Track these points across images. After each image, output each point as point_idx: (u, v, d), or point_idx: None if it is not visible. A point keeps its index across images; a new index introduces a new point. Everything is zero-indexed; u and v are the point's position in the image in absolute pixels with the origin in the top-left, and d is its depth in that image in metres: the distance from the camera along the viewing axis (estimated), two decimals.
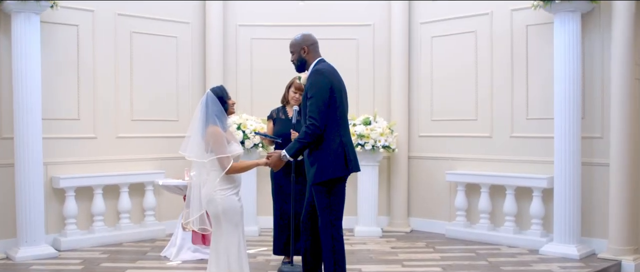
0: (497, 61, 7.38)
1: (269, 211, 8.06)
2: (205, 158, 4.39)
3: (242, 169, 4.48)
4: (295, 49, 4.84)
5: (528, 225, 7.06)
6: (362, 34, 8.26)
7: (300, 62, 4.84)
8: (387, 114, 8.13)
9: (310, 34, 4.89)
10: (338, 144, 4.62)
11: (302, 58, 4.82)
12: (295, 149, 4.55)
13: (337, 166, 4.62)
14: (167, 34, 7.89)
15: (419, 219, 8.14)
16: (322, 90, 4.55)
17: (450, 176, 7.58)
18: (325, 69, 4.70)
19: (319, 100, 4.53)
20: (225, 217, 4.42)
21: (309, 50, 4.80)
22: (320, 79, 4.60)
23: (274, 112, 6.15)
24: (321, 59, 4.82)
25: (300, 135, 4.55)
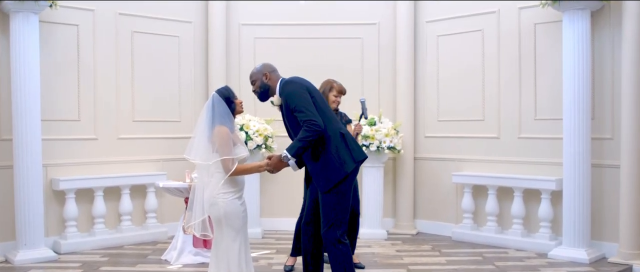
0: (505, 60, 7.24)
1: (273, 213, 8.05)
2: (211, 160, 4.29)
3: (244, 171, 4.36)
4: (256, 77, 4.70)
5: (536, 228, 6.92)
6: (367, 33, 8.13)
7: (263, 89, 4.69)
8: (393, 114, 8.00)
9: (270, 63, 4.80)
10: (336, 137, 4.51)
11: (264, 84, 4.68)
12: (297, 148, 4.36)
13: (346, 158, 4.49)
14: (169, 33, 7.79)
15: (425, 222, 8.00)
16: (302, 94, 4.48)
17: (457, 177, 7.45)
18: (294, 78, 4.66)
19: (304, 104, 4.43)
20: (227, 221, 4.31)
21: (270, 76, 4.68)
22: (293, 87, 4.54)
23: None
24: (282, 78, 4.70)
25: (300, 135, 4.38)
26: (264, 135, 7.40)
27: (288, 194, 7.87)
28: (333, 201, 4.51)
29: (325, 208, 4.55)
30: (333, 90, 5.90)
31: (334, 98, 5.89)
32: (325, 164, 4.50)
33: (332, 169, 4.48)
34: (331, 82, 5.95)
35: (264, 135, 7.40)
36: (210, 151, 4.31)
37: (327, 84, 5.96)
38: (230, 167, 4.23)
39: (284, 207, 7.97)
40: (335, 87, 5.90)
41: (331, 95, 5.88)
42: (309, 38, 8.13)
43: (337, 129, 4.56)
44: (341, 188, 4.51)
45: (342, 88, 5.97)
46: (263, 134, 7.40)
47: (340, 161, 4.48)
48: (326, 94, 5.88)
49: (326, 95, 5.87)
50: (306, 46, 8.12)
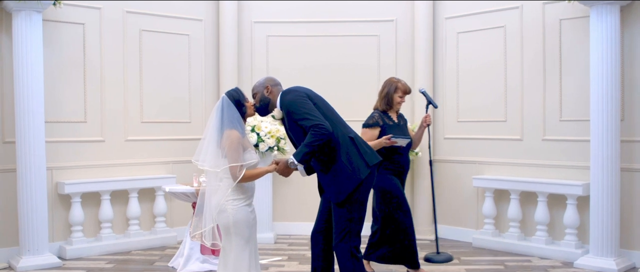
0: (528, 58, 6.89)
1: (286, 217, 7.80)
2: (220, 166, 4.10)
3: (253, 176, 4.14)
4: (258, 90, 4.45)
5: (561, 235, 6.58)
6: (384, 30, 7.83)
7: (263, 103, 4.42)
8: (411, 114, 7.70)
9: (274, 77, 4.55)
10: (347, 142, 4.26)
11: (265, 98, 4.41)
12: (303, 154, 4.08)
13: (360, 164, 4.23)
14: (178, 31, 7.56)
15: (444, 227, 7.69)
16: (302, 101, 4.23)
17: (478, 181, 7.13)
18: (292, 87, 4.40)
19: (306, 110, 4.18)
20: (236, 229, 4.11)
21: (272, 89, 4.43)
22: (292, 96, 4.28)
23: (378, 119, 5.45)
24: (282, 91, 4.44)
25: (306, 139, 4.10)
26: (276, 136, 7.16)
27: (302, 197, 7.63)
28: (347, 212, 4.26)
29: (338, 219, 4.29)
30: (398, 91, 5.46)
31: (399, 99, 5.46)
32: (336, 173, 4.24)
33: (344, 177, 4.21)
34: (395, 82, 5.50)
35: (276, 136, 7.16)
36: (219, 156, 4.13)
37: (390, 84, 5.50)
38: (238, 175, 4.03)
39: (298, 211, 7.73)
40: (400, 88, 5.46)
41: (396, 96, 5.46)
42: (324, 36, 7.86)
43: (345, 134, 4.29)
44: (356, 197, 4.25)
45: (408, 87, 5.53)
46: (275, 135, 7.15)
47: (352, 168, 4.21)
48: (390, 95, 5.45)
49: (390, 97, 5.45)
50: (321, 44, 7.85)
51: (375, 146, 5.21)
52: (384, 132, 5.38)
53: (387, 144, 5.28)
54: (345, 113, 7.16)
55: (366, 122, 5.47)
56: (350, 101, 7.62)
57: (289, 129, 4.38)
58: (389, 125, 5.43)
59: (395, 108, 5.52)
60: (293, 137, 4.41)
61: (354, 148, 4.27)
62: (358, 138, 4.35)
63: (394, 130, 5.41)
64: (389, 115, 5.50)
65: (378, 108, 5.53)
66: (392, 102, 5.47)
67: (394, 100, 5.47)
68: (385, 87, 5.52)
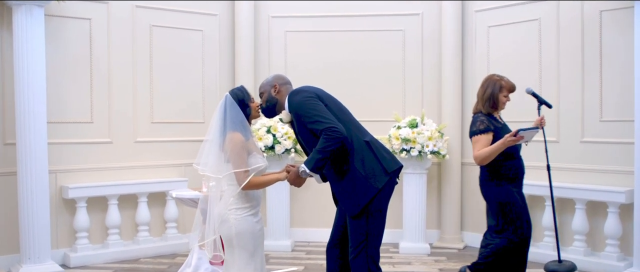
0: (565, 54, 6.38)
1: (304, 223, 7.39)
2: (222, 172, 3.76)
3: (260, 184, 3.77)
4: (265, 89, 4.05)
5: (602, 246, 6.06)
6: (409, 24, 7.37)
7: (270, 104, 4.02)
8: (437, 115, 7.23)
9: (283, 75, 4.15)
10: (363, 147, 3.82)
11: (272, 98, 4.01)
12: (316, 161, 3.66)
13: (376, 172, 3.80)
14: (191, 27, 7.20)
15: (474, 234, 7.19)
16: (312, 102, 3.80)
17: None
18: (301, 87, 3.97)
19: (317, 112, 3.75)
20: (239, 242, 3.73)
21: (281, 89, 4.02)
22: (300, 97, 3.85)
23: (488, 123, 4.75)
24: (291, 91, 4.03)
25: (319, 144, 3.67)
26: (293, 138, 6.76)
27: (321, 201, 7.20)
28: (363, 224, 3.82)
29: (354, 231, 3.86)
30: (503, 89, 4.82)
31: (504, 99, 4.84)
32: (350, 182, 3.80)
33: (359, 187, 3.79)
34: (498, 80, 4.85)
35: (293, 138, 6.76)
36: (222, 161, 3.77)
37: (492, 82, 4.85)
38: (243, 180, 3.67)
39: (317, 217, 7.31)
40: (505, 86, 4.83)
41: (501, 96, 4.82)
42: (346, 31, 7.43)
43: (360, 137, 3.85)
44: (372, 208, 3.81)
45: (512, 84, 4.91)
46: (292, 137, 6.76)
47: (368, 176, 3.77)
48: (495, 96, 4.80)
49: (495, 98, 4.80)
50: (342, 40, 7.42)
51: (496, 149, 4.62)
52: (497, 137, 4.71)
53: (513, 142, 4.61)
54: (368, 113, 6.80)
55: (477, 128, 4.74)
56: (374, 100, 7.21)
57: (299, 133, 3.96)
58: (500, 129, 4.79)
59: (500, 109, 4.89)
60: (303, 142, 4.00)
61: (371, 153, 3.83)
62: (375, 142, 3.91)
63: (505, 132, 4.75)
64: (496, 118, 4.86)
65: (481, 111, 4.85)
66: (498, 103, 4.82)
67: (500, 101, 4.82)
68: (487, 88, 4.85)
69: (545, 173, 6.44)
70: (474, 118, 4.84)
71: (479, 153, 4.67)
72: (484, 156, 4.66)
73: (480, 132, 4.73)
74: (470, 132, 4.80)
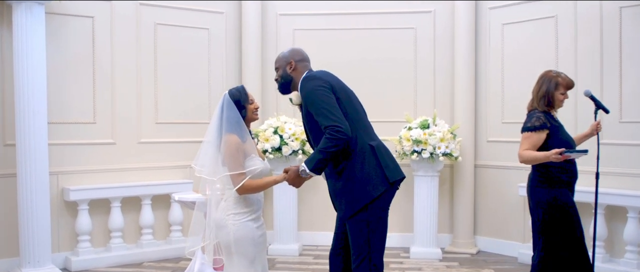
0: (583, 52, 6.13)
1: (313, 226, 7.20)
2: (218, 174, 3.63)
3: (257, 187, 3.59)
4: (280, 64, 3.87)
5: (621, 253, 5.82)
6: (421, 22, 7.16)
7: (285, 81, 3.85)
8: (450, 115, 7.02)
9: (301, 49, 3.93)
10: (366, 152, 3.63)
11: (287, 75, 3.83)
12: (316, 161, 3.50)
13: (374, 182, 3.61)
14: (197, 25, 7.04)
15: (487, 239, 6.97)
16: (323, 93, 3.60)
17: (524, 189, 6.29)
18: (317, 73, 3.77)
19: (326, 105, 3.55)
20: (238, 248, 3.58)
21: (297, 66, 3.84)
22: (314, 84, 3.65)
23: (545, 120, 4.43)
24: (308, 71, 3.84)
25: (321, 143, 3.51)
26: (301, 139, 6.59)
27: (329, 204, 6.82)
28: (364, 232, 3.63)
29: (355, 240, 3.67)
30: (560, 87, 4.49)
31: (562, 96, 4.52)
32: (346, 183, 3.63)
33: (355, 191, 3.61)
34: (554, 77, 4.52)
35: (301, 139, 6.59)
36: (219, 163, 3.63)
37: (548, 79, 4.52)
38: (237, 183, 3.51)
39: (325, 220, 7.08)
40: (561, 83, 4.49)
41: (558, 94, 4.49)
42: (356, 29, 7.23)
43: (366, 141, 3.66)
44: (369, 215, 3.62)
45: (570, 81, 4.57)
46: (300, 138, 6.58)
47: (365, 181, 3.58)
48: (551, 93, 4.48)
49: (551, 96, 4.48)
50: (352, 38, 7.22)
51: (540, 158, 4.33)
52: (553, 136, 4.43)
53: (557, 160, 4.27)
54: (378, 113, 6.57)
55: (532, 125, 4.44)
56: (384, 100, 7.01)
57: (305, 119, 3.78)
58: (557, 127, 4.49)
59: (557, 107, 4.58)
60: (307, 129, 3.82)
61: (374, 159, 3.63)
62: (381, 147, 3.71)
63: (562, 133, 4.50)
64: (553, 116, 4.55)
65: (537, 108, 4.54)
66: (554, 101, 4.50)
67: (556, 99, 4.50)
68: (542, 84, 4.55)
69: None
70: (530, 114, 4.52)
71: (524, 153, 4.40)
72: (527, 159, 4.41)
73: (534, 129, 4.41)
74: (523, 127, 4.49)
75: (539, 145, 4.37)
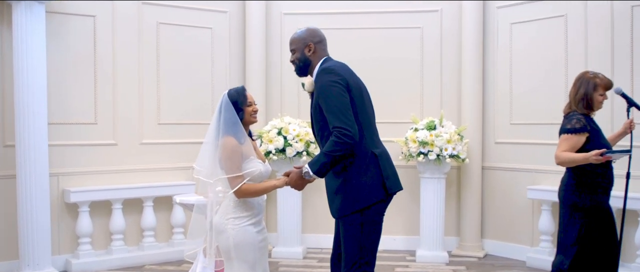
0: (594, 52, 6.00)
1: (317, 229, 7.09)
2: (214, 176, 3.57)
3: (256, 192, 3.51)
4: (297, 46, 3.69)
5: (633, 257, 5.69)
6: (428, 21, 7.04)
7: (303, 64, 3.68)
8: (457, 116, 6.90)
9: (317, 29, 3.76)
10: (369, 159, 3.51)
11: (305, 58, 3.67)
12: (321, 165, 3.40)
13: (372, 188, 3.49)
14: (200, 24, 6.94)
15: (495, 242, 6.85)
16: (338, 91, 3.45)
17: (533, 192, 6.27)
18: (335, 66, 3.59)
19: (338, 103, 3.41)
20: (238, 253, 3.50)
21: (316, 48, 3.68)
22: (331, 79, 3.49)
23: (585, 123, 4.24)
24: (328, 57, 3.71)
25: (327, 146, 3.40)
26: (305, 140, 6.50)
27: None
28: (353, 232, 3.51)
29: (346, 243, 3.55)
30: (598, 88, 4.31)
31: (600, 98, 4.33)
32: (345, 184, 3.51)
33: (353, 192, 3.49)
34: (591, 78, 4.32)
35: (306, 140, 6.50)
36: (217, 165, 3.55)
37: (586, 81, 4.33)
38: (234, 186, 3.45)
39: (330, 222, 6.77)
40: (600, 84, 4.31)
41: (597, 95, 4.31)
42: (361, 28, 7.12)
43: (369, 148, 3.54)
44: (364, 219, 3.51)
45: (608, 81, 4.38)
46: (304, 139, 6.48)
47: (364, 186, 3.48)
48: (589, 95, 4.28)
49: (590, 98, 4.29)
50: (357, 37, 7.12)
51: (579, 160, 4.14)
52: (593, 140, 4.25)
53: (597, 161, 4.09)
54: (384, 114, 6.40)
55: (572, 126, 4.24)
56: (390, 101, 6.90)
57: (313, 109, 3.64)
58: (596, 131, 4.32)
59: (596, 109, 4.40)
60: (314, 120, 3.68)
61: (375, 167, 3.51)
62: (384, 157, 3.59)
63: (602, 137, 4.32)
64: (592, 119, 4.38)
65: (576, 111, 4.35)
66: (593, 103, 4.32)
67: (595, 101, 4.31)
68: (579, 87, 4.36)
69: None
70: (570, 116, 4.33)
71: (562, 154, 4.22)
72: (565, 160, 4.22)
73: (575, 131, 4.22)
74: (561, 129, 4.31)
75: (578, 148, 4.20)
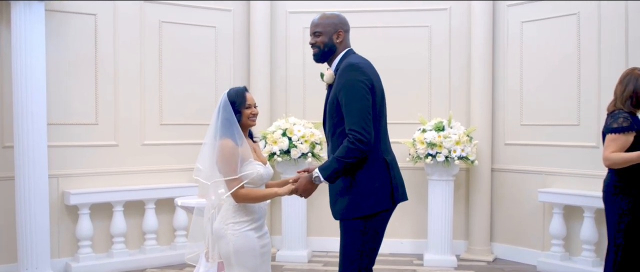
0: (607, 51, 5.83)
1: (323, 231, 6.95)
2: (211, 179, 3.45)
3: (255, 198, 3.39)
4: (325, 30, 3.48)
5: None
6: (436, 20, 6.89)
7: (329, 49, 3.49)
8: (466, 117, 6.75)
9: (346, 19, 3.59)
10: (380, 165, 3.37)
11: (332, 44, 3.48)
12: (333, 170, 3.28)
13: (381, 196, 3.36)
14: (203, 23, 6.81)
15: (504, 246, 6.69)
16: (363, 92, 3.28)
17: (544, 195, 6.11)
18: (363, 63, 3.41)
19: (360, 106, 3.26)
20: (238, 260, 3.39)
21: (344, 38, 3.52)
22: (358, 77, 3.30)
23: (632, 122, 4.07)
24: (351, 49, 3.55)
25: (340, 151, 3.26)
26: (310, 141, 6.35)
27: None
28: (353, 238, 3.37)
29: (346, 243, 3.40)
30: None
31: None
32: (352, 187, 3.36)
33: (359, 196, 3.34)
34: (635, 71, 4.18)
35: (311, 141, 6.35)
36: (215, 168, 3.43)
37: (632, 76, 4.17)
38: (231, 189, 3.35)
39: (336, 225, 6.72)
40: None
41: None
42: (368, 27, 6.96)
43: (381, 152, 3.40)
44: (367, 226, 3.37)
45: None
46: (309, 140, 6.34)
47: (372, 192, 3.34)
48: (638, 92, 4.12)
49: (638, 94, 4.12)
50: (364, 36, 6.90)
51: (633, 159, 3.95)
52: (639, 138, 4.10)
53: None
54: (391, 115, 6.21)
55: (620, 125, 4.08)
56: (397, 101, 6.68)
57: (329, 103, 3.47)
58: None
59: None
60: (327, 113, 3.51)
61: (385, 175, 3.38)
62: (394, 164, 3.46)
63: None
64: (638, 117, 4.19)
65: (622, 109, 4.18)
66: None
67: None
68: (627, 84, 4.18)
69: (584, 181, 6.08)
70: (615, 115, 4.16)
71: (612, 156, 4.03)
72: (616, 161, 4.02)
73: (623, 130, 4.05)
74: (607, 128, 4.14)
75: (626, 148, 4.03)
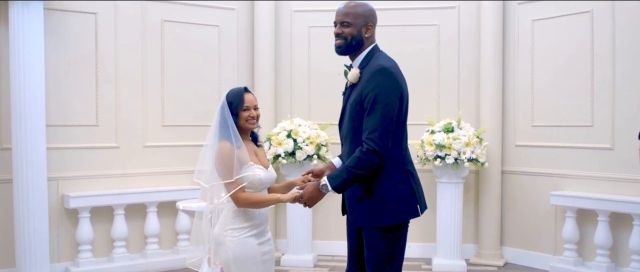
0: (621, 49, 5.67)
1: (328, 235, 6.82)
2: (211, 182, 3.36)
3: (256, 203, 3.27)
4: (356, 22, 3.29)
5: (627, 261, 5.49)
6: (445, 18, 6.75)
7: (356, 42, 3.30)
8: (475, 118, 6.61)
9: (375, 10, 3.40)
10: (403, 174, 3.25)
11: (361, 38, 3.29)
12: (342, 181, 3.13)
13: (409, 205, 3.25)
14: (206, 22, 6.68)
15: (515, 250, 6.54)
16: (391, 103, 3.14)
17: (556, 198, 5.95)
18: (394, 68, 3.23)
19: (384, 116, 3.11)
20: (238, 267, 3.29)
21: (373, 31, 3.34)
22: (389, 83, 3.15)
23: None
24: (376, 45, 3.37)
25: (351, 161, 3.13)
26: (316, 143, 6.23)
27: None
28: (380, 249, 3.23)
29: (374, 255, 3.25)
30: None
31: None
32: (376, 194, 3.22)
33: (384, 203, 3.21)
34: None
35: (317, 143, 6.23)
36: (214, 171, 3.33)
37: None
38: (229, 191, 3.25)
39: (342, 228, 6.55)
40: None
41: None
42: None
43: (404, 163, 3.27)
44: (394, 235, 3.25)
45: None
46: (315, 142, 6.21)
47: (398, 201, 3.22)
48: None
49: None
50: None
51: None
52: None
53: None
54: None
55: None
56: None
57: (351, 104, 3.29)
58: None
59: None
60: (347, 114, 3.35)
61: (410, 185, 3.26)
62: (415, 175, 3.33)
63: None
64: None
65: None
66: None
67: None
68: None
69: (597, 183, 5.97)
70: None
71: None
72: None
73: None
74: None
75: None
